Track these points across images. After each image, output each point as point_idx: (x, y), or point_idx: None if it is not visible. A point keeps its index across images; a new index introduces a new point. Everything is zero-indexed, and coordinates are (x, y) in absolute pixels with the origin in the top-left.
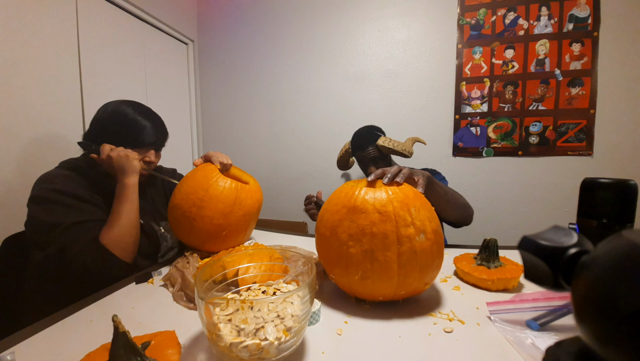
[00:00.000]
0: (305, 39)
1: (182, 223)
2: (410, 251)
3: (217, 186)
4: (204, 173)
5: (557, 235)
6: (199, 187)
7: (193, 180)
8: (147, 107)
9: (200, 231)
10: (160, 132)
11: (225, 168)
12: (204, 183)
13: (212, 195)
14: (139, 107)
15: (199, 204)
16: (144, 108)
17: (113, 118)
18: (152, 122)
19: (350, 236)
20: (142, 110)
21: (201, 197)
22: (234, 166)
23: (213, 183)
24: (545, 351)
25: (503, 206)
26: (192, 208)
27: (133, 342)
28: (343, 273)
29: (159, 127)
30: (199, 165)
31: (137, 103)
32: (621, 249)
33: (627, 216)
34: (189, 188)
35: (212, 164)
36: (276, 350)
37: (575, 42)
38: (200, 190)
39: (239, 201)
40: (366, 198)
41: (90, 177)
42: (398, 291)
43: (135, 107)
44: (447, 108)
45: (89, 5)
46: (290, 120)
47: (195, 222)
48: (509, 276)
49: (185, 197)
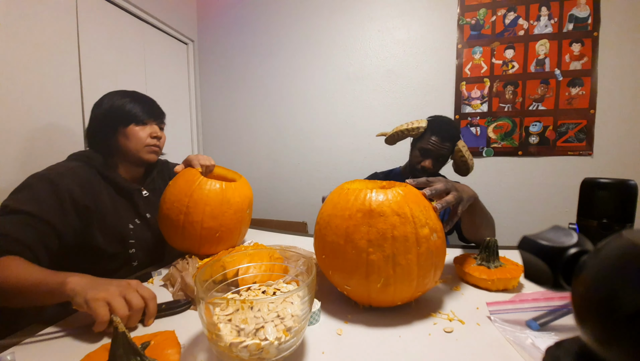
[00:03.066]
0: (305, 39)
1: (173, 231)
2: (428, 251)
3: (202, 190)
4: (185, 179)
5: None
6: (183, 193)
7: (175, 187)
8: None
9: (192, 237)
10: (154, 107)
11: (209, 170)
12: (187, 189)
13: (197, 200)
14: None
15: (185, 211)
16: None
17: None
18: (142, 100)
19: (370, 242)
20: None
21: (186, 204)
22: (218, 166)
23: (196, 188)
24: (545, 351)
25: (503, 206)
26: (180, 216)
27: (133, 342)
28: (362, 283)
29: (151, 103)
30: (180, 172)
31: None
32: (621, 249)
33: (627, 216)
34: (173, 196)
35: (193, 168)
36: (276, 350)
37: (575, 42)
38: (184, 197)
39: (226, 200)
40: (381, 201)
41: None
42: (415, 294)
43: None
44: (447, 108)
45: (89, 5)
46: (290, 120)
47: (185, 230)
48: (509, 277)
49: (170, 206)
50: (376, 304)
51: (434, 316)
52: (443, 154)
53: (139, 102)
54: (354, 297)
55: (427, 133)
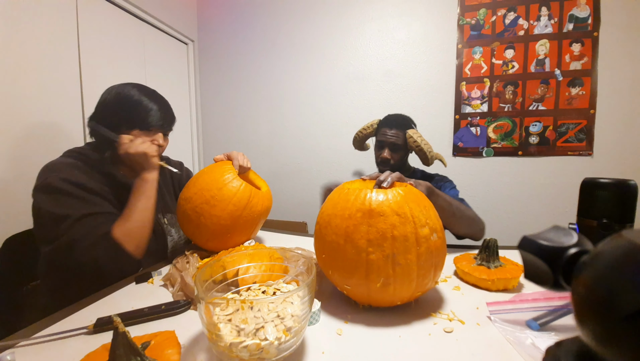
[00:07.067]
0: (305, 39)
1: (190, 217)
2: (428, 251)
3: (232, 187)
4: (221, 170)
5: (557, 235)
6: (214, 184)
7: (209, 175)
8: (152, 89)
9: (206, 229)
10: (167, 115)
11: (242, 172)
12: (219, 181)
13: (225, 195)
14: (144, 89)
15: (211, 202)
16: (149, 90)
17: (118, 100)
18: (158, 104)
19: (369, 242)
20: (147, 92)
21: (214, 195)
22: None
23: (228, 184)
24: (545, 351)
25: (503, 206)
26: (203, 205)
27: (133, 342)
28: (362, 283)
29: (165, 109)
30: (218, 162)
31: (142, 86)
32: (621, 249)
33: (627, 216)
34: (204, 183)
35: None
36: (276, 350)
37: (575, 42)
38: (214, 188)
39: (250, 206)
40: (381, 201)
41: (96, 167)
42: (415, 294)
43: (140, 89)
44: (447, 108)
45: (89, 5)
46: (290, 120)
47: (203, 218)
48: (509, 277)
49: (198, 192)
50: (376, 304)
51: (434, 316)
52: (395, 143)
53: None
54: (354, 297)
55: (379, 129)
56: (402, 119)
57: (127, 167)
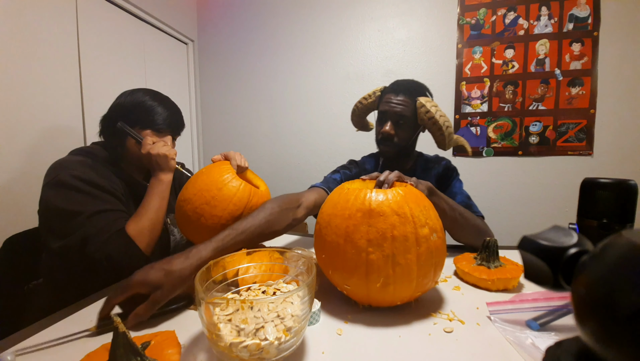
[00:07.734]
0: (305, 39)
1: (190, 218)
2: (428, 251)
3: (231, 187)
4: (219, 170)
5: (557, 235)
6: (214, 185)
7: (208, 176)
8: (165, 95)
9: (207, 229)
10: (177, 120)
11: (240, 171)
12: (219, 181)
13: (225, 195)
14: (156, 94)
15: (211, 203)
16: (162, 95)
17: (132, 103)
18: (170, 109)
19: (369, 241)
20: (160, 98)
21: (214, 196)
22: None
23: (227, 184)
24: (545, 351)
25: (503, 206)
26: (204, 206)
27: (133, 342)
28: (362, 283)
29: (176, 115)
30: (217, 162)
31: (155, 91)
32: (621, 249)
33: (627, 216)
34: (204, 184)
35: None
36: (276, 350)
37: (575, 42)
38: (214, 189)
39: (249, 205)
40: (381, 201)
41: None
42: (415, 294)
43: (153, 94)
44: (447, 108)
45: (89, 5)
46: (290, 120)
47: (203, 219)
48: (509, 277)
49: (198, 193)
50: (376, 304)
51: (434, 316)
52: (401, 113)
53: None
54: (354, 297)
55: (382, 97)
56: (414, 85)
57: (136, 166)
